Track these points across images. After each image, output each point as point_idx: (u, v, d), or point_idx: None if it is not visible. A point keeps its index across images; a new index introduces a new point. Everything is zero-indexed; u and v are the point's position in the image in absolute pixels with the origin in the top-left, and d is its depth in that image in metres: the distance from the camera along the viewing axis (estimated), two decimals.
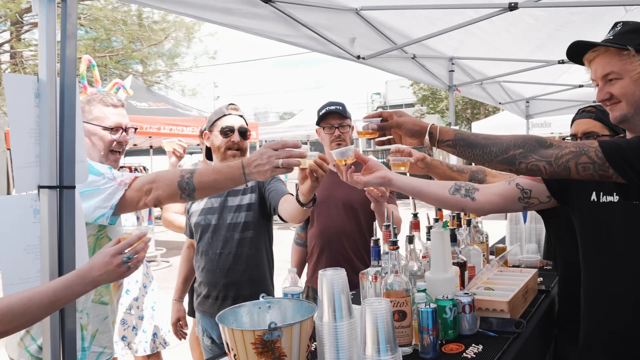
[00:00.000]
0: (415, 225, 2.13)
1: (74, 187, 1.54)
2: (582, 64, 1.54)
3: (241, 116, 2.44)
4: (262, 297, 1.55)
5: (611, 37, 1.45)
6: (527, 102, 6.48)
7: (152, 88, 14.06)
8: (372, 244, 1.75)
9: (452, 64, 4.39)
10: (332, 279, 1.32)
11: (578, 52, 1.52)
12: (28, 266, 1.51)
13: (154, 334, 3.02)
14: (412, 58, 3.74)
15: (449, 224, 1.99)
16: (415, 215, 2.14)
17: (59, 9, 1.50)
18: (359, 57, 3.13)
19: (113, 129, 1.91)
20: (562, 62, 4.07)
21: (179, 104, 10.07)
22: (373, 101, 50.19)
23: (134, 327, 2.98)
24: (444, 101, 21.11)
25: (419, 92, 22.43)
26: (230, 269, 2.34)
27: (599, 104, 1.53)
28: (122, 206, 1.75)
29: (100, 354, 1.82)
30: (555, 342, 2.14)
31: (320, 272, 1.34)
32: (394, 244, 1.66)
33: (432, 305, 1.59)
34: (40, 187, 1.49)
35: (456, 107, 22.02)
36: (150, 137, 9.71)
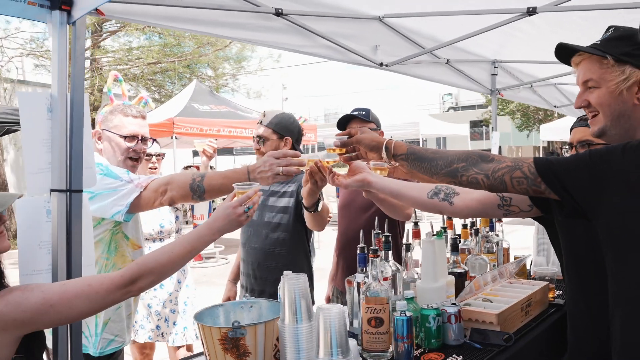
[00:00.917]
0: (415, 234, 2.16)
1: (81, 191, 1.72)
2: (569, 65, 1.51)
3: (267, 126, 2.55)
4: (245, 297, 1.65)
5: (597, 43, 1.41)
6: None
7: (219, 91, 14.68)
8: (358, 252, 1.80)
9: (495, 67, 4.28)
10: (293, 283, 1.39)
11: (566, 53, 1.49)
12: (40, 259, 1.70)
13: (184, 327, 3.21)
14: (446, 63, 3.71)
15: (443, 234, 1.99)
16: (415, 224, 2.16)
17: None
18: (381, 64, 3.16)
19: (128, 137, 2.09)
20: None
21: (240, 106, 10.43)
22: (444, 102, 49.15)
23: (166, 319, 3.19)
24: (514, 102, 20.34)
25: None
26: (260, 264, 2.49)
27: None
28: (137, 205, 1.95)
29: (111, 341, 2.00)
30: None
31: (282, 276, 1.42)
32: (375, 252, 1.70)
33: (408, 314, 1.62)
34: (52, 190, 1.68)
35: (528, 108, 21.22)
36: (216, 139, 10.20)
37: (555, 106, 5.69)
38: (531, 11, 2.48)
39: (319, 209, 2.17)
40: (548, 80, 4.97)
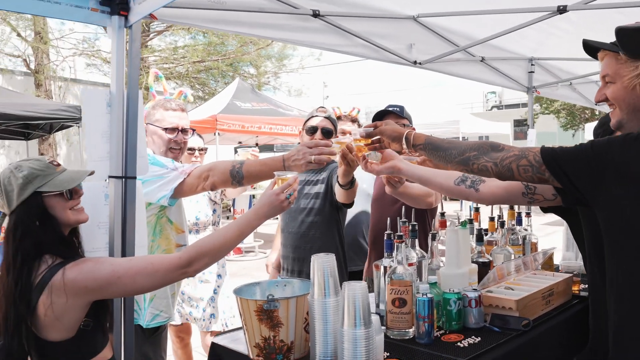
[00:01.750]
0: (442, 224, 2.26)
1: (135, 178, 1.92)
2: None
3: (327, 118, 2.68)
4: (280, 277, 1.81)
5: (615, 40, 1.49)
6: None
7: (261, 89, 14.99)
8: (385, 238, 1.93)
9: (532, 64, 4.29)
10: (322, 262, 1.54)
11: (593, 49, 1.57)
12: (99, 239, 1.91)
13: (211, 315, 3.37)
14: (481, 60, 3.76)
15: (467, 224, 2.09)
16: (442, 214, 2.26)
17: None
18: (415, 62, 3.26)
19: (169, 130, 2.28)
20: None
21: (281, 104, 10.66)
22: (487, 100, 48.16)
23: (197, 306, 3.36)
24: (559, 100, 19.81)
25: None
26: (297, 246, 2.67)
27: None
28: (180, 190, 2.14)
29: (157, 315, 2.21)
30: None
31: (313, 256, 1.56)
32: (400, 238, 1.83)
33: (429, 296, 1.74)
34: (109, 176, 1.89)
35: (574, 106, 20.58)
36: (257, 136, 10.49)
37: (596, 103, 5.60)
38: (562, 9, 2.53)
39: (353, 187, 2.33)
40: (588, 78, 4.91)
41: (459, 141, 1.57)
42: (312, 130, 2.64)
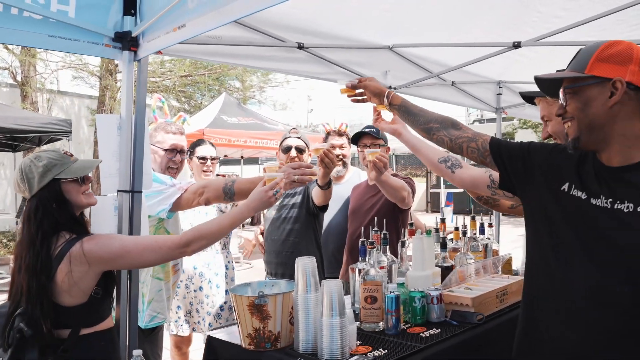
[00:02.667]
0: (411, 233, 2.57)
1: (141, 192, 2.19)
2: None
3: (299, 138, 3.02)
4: (268, 278, 2.09)
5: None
6: None
7: (246, 102, 15.25)
8: (360, 245, 2.23)
9: (500, 87, 4.65)
10: (304, 263, 1.82)
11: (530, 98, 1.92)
12: None
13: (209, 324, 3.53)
14: (452, 85, 4.11)
15: (431, 233, 2.39)
16: (411, 225, 2.57)
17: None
18: (390, 87, 3.58)
19: (168, 150, 2.56)
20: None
21: (267, 118, 10.96)
22: (470, 114, 48.98)
23: (203, 319, 3.50)
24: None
25: None
26: (279, 252, 2.98)
27: None
28: (178, 205, 2.41)
29: (154, 317, 2.47)
30: None
31: (297, 259, 1.85)
32: (372, 244, 2.12)
33: (396, 293, 2.03)
34: (119, 191, 2.15)
35: None
36: (242, 149, 10.77)
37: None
38: (516, 45, 2.88)
39: (330, 187, 2.66)
40: None
41: (429, 111, 1.84)
42: (287, 149, 2.97)
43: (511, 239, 6.90)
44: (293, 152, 2.96)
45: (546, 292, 1.53)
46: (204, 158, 3.33)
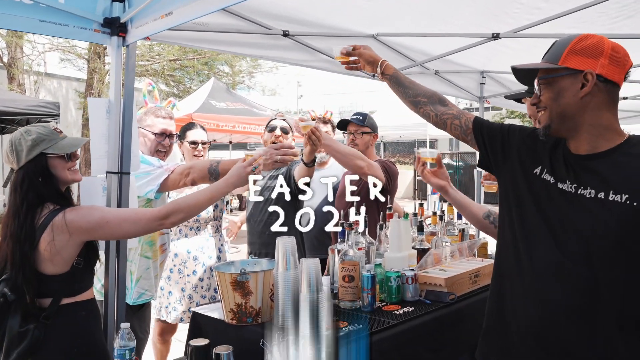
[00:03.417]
0: (389, 216, 2.67)
1: (129, 173, 2.27)
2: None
3: (284, 119, 3.14)
4: (251, 257, 2.18)
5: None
6: None
7: (235, 88, 15.23)
8: (340, 228, 2.33)
9: (483, 77, 4.74)
10: (285, 243, 1.92)
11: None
12: None
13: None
14: (435, 73, 4.20)
15: (408, 216, 2.50)
16: (389, 208, 2.67)
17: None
18: (374, 75, 3.65)
19: (157, 134, 2.63)
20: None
21: (255, 104, 10.98)
22: (459, 103, 49.20)
23: (197, 304, 3.48)
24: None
25: None
26: (262, 232, 3.06)
27: None
28: (165, 185, 2.49)
29: (142, 294, 2.56)
30: None
31: (277, 238, 1.95)
32: (350, 226, 2.23)
33: (372, 272, 2.14)
34: (107, 172, 2.23)
35: None
36: (231, 134, 10.81)
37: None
38: (495, 36, 2.97)
39: (314, 165, 2.73)
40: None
41: (418, 84, 1.92)
42: (272, 129, 3.08)
43: None
44: (278, 132, 3.07)
45: (512, 269, 1.62)
46: (195, 142, 3.33)
